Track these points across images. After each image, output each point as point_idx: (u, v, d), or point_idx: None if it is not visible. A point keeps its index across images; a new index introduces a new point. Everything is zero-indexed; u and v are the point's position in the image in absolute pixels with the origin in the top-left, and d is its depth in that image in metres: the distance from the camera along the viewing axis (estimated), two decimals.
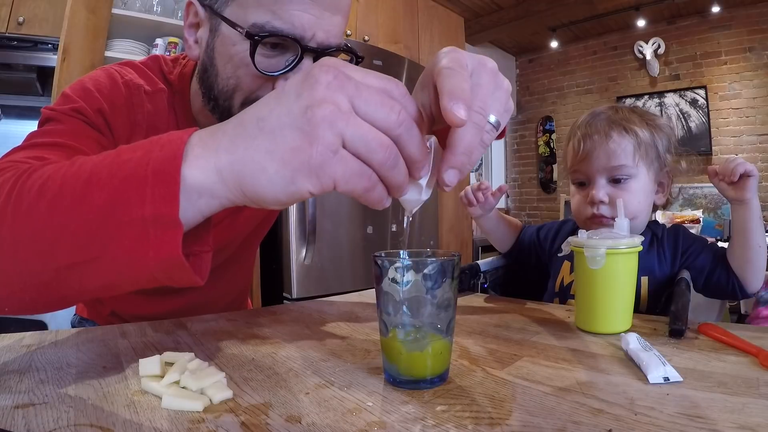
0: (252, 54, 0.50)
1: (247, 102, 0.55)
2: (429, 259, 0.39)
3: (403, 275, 0.38)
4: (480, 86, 0.32)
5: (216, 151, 0.30)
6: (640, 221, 0.82)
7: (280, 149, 0.28)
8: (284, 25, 0.50)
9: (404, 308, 0.39)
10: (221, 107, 0.57)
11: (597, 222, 0.83)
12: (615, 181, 0.81)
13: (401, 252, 0.42)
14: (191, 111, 0.66)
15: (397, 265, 0.38)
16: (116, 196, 0.29)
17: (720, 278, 0.77)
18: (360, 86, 0.29)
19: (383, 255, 0.40)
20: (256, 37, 0.50)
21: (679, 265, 0.80)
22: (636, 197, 0.80)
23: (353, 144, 0.28)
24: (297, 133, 0.28)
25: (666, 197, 0.86)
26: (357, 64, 0.59)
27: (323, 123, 0.28)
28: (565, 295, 0.88)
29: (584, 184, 0.85)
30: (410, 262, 0.39)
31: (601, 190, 0.81)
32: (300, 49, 0.51)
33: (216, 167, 0.30)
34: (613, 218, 0.78)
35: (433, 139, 0.36)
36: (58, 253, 0.30)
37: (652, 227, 0.86)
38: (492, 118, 0.33)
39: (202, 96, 0.60)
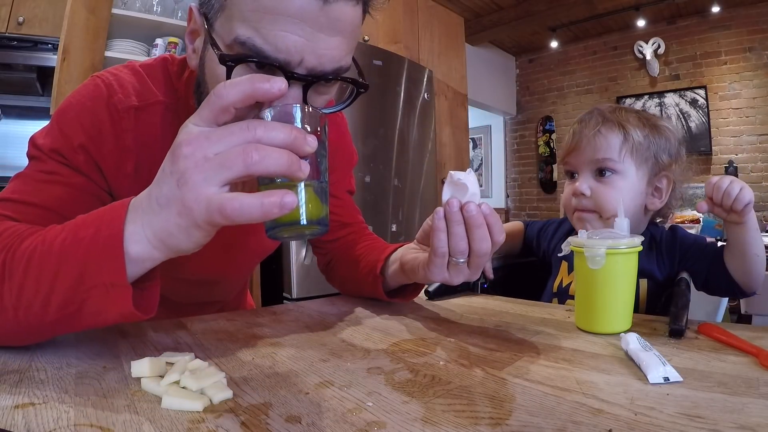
0: (228, 78, 0.45)
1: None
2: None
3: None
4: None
5: (142, 225, 0.39)
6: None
7: (173, 218, 0.37)
8: (266, 45, 0.44)
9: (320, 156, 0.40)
10: None
11: (578, 216, 0.83)
12: (600, 175, 0.81)
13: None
14: None
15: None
16: (82, 270, 0.39)
17: (719, 282, 0.76)
18: (210, 135, 0.36)
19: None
20: (229, 63, 0.45)
21: (678, 269, 0.79)
22: (618, 193, 0.77)
23: (222, 178, 0.36)
24: (178, 203, 0.37)
25: (663, 203, 0.83)
26: (359, 94, 0.53)
27: (191, 191, 0.36)
28: (563, 295, 0.88)
29: (574, 177, 0.86)
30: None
31: (585, 182, 0.81)
32: (284, 76, 0.45)
33: (146, 238, 0.39)
34: (594, 212, 0.80)
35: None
36: (48, 312, 0.40)
37: (651, 230, 0.85)
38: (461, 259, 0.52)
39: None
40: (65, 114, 0.57)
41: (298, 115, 0.40)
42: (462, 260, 0.52)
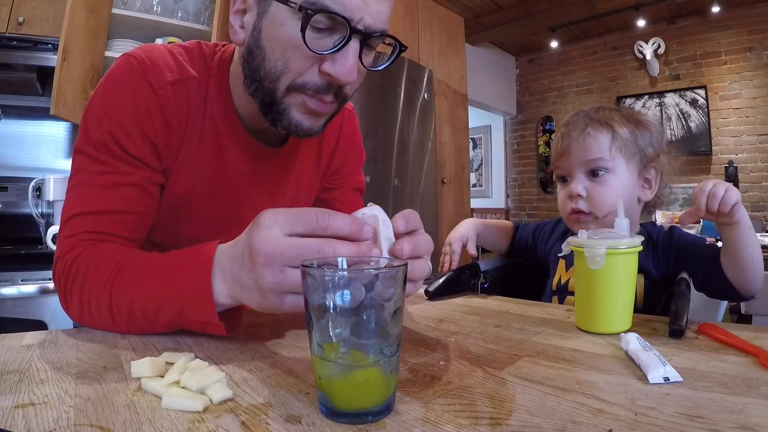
0: (303, 28, 0.52)
1: (293, 86, 0.56)
2: (372, 270, 0.35)
3: (342, 289, 0.32)
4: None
5: (227, 288, 0.48)
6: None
7: (255, 300, 0.45)
8: (335, 5, 0.52)
9: (344, 326, 0.33)
10: (265, 89, 0.58)
11: (574, 218, 0.84)
12: (593, 175, 0.83)
13: (339, 259, 0.39)
14: (231, 97, 0.66)
15: (335, 277, 0.33)
16: (181, 310, 0.50)
17: (715, 284, 0.75)
18: (280, 240, 0.42)
19: (314, 264, 0.35)
20: (309, 11, 0.51)
21: (675, 268, 0.79)
22: (614, 191, 0.81)
23: (295, 281, 0.42)
24: (258, 295, 0.44)
25: (654, 193, 0.85)
26: (400, 53, 0.60)
27: (268, 294, 0.43)
28: (563, 292, 0.88)
29: (567, 180, 0.87)
30: (351, 274, 0.34)
31: (579, 184, 0.83)
32: (349, 30, 0.53)
33: (231, 297, 0.48)
34: (590, 213, 0.82)
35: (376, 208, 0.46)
36: (156, 329, 0.53)
37: (648, 228, 0.86)
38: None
39: (245, 78, 0.60)
40: (108, 98, 0.60)
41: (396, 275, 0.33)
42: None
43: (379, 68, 0.60)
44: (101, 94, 0.61)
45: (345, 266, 0.39)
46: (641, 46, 4.31)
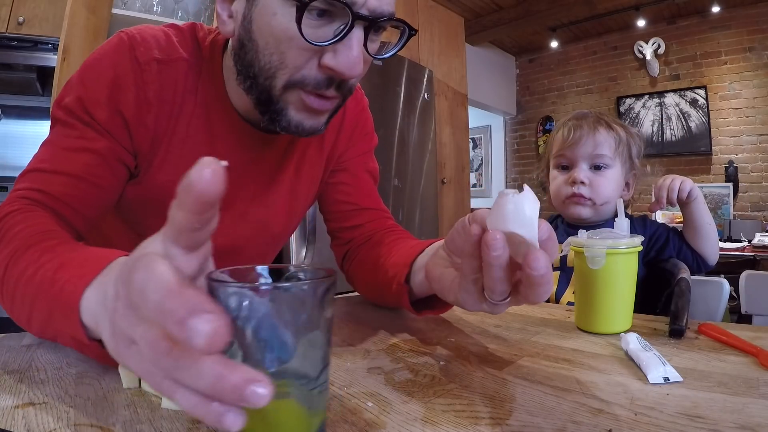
0: (299, 19, 0.46)
1: (291, 82, 0.51)
2: (287, 284, 0.29)
3: (250, 305, 0.25)
4: None
5: (95, 302, 0.34)
6: (609, 207, 0.96)
7: (105, 330, 0.29)
8: None
9: (256, 350, 0.26)
10: (260, 87, 0.53)
11: (574, 201, 0.95)
12: (595, 168, 0.95)
13: (257, 268, 0.32)
14: (224, 84, 0.62)
15: (241, 293, 0.26)
16: (50, 313, 0.39)
17: (686, 256, 0.90)
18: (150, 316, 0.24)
19: (219, 277, 0.27)
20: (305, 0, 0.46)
21: (651, 249, 0.93)
22: (610, 185, 0.94)
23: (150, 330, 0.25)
24: (109, 324, 0.29)
25: (630, 195, 1.01)
26: (410, 37, 0.55)
27: (114, 332, 0.27)
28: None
29: (567, 168, 0.98)
30: (258, 289, 0.27)
31: (582, 173, 0.94)
32: (351, 16, 0.47)
33: (93, 314, 0.34)
34: (589, 199, 0.94)
35: None
36: (32, 328, 0.43)
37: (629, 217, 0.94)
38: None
39: (238, 74, 0.56)
40: (89, 68, 0.58)
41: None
42: (502, 300, 0.37)
43: (386, 56, 0.55)
44: (84, 65, 0.59)
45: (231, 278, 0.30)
46: (641, 46, 4.31)
